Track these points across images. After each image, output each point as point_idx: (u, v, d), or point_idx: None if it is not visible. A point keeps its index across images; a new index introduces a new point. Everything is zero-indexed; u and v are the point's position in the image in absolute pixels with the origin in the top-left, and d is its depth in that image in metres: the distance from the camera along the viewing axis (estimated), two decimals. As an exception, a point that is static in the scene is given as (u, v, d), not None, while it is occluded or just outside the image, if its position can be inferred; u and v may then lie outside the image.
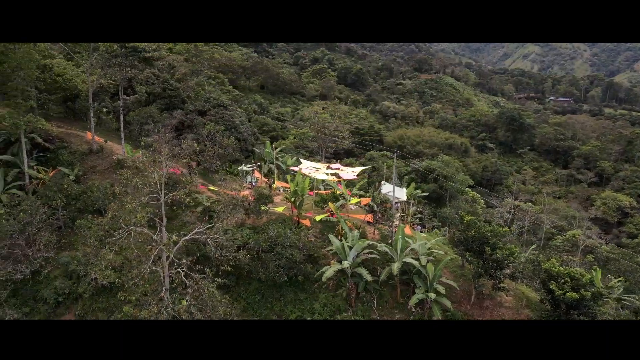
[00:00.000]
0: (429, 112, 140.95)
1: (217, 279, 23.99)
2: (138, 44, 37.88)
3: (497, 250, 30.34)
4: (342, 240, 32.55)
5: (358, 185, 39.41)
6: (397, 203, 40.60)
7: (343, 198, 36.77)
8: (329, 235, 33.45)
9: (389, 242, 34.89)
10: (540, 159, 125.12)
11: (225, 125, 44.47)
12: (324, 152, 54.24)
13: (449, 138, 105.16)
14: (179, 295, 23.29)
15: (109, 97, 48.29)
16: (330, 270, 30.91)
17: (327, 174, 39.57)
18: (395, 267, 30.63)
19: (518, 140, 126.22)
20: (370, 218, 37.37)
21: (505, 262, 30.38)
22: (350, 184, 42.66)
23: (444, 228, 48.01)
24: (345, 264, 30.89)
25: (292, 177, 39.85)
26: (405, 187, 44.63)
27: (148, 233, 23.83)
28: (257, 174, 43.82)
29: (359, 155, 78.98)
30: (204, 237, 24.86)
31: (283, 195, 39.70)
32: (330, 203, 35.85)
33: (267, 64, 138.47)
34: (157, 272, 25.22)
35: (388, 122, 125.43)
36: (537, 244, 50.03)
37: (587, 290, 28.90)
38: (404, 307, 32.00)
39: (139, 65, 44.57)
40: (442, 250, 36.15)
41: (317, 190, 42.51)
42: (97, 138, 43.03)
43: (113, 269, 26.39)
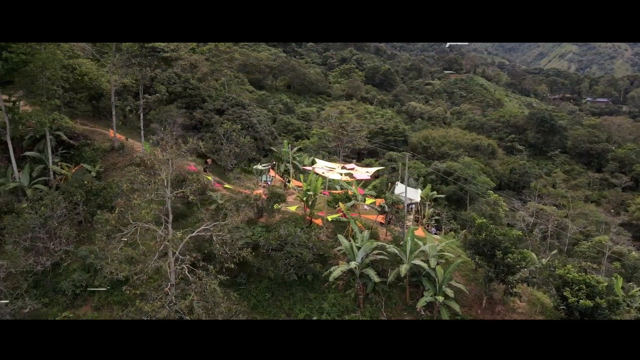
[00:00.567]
0: (457, 112, 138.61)
1: (219, 276, 24.28)
2: (157, 44, 38.87)
3: (508, 255, 29.61)
4: (350, 241, 32.43)
5: (370, 186, 39.19)
6: (411, 204, 40.16)
7: (355, 198, 36.60)
8: (338, 235, 33.40)
9: (400, 243, 34.56)
10: (572, 162, 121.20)
11: (243, 124, 45.00)
12: (341, 152, 54.19)
13: (476, 139, 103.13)
14: (182, 291, 23.70)
15: (132, 96, 49.54)
16: (338, 270, 30.87)
17: (340, 174, 39.46)
18: (404, 268, 30.31)
19: (549, 142, 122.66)
20: (383, 219, 37.08)
21: (517, 266, 29.61)
22: (366, 185, 42.46)
23: (463, 231, 47.17)
24: (353, 264, 30.79)
25: (305, 176, 39.99)
26: (421, 188, 44.06)
27: (155, 229, 24.34)
28: (272, 173, 44.15)
29: (380, 156, 78.48)
30: (209, 234, 25.19)
31: (296, 195, 39.87)
32: (341, 203, 35.77)
33: (293, 64, 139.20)
34: (164, 267, 25.81)
35: (414, 122, 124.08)
36: (558, 250, 48.55)
37: (602, 298, 27.92)
38: (413, 309, 31.65)
39: (159, 65, 45.58)
40: (455, 253, 35.57)
41: (332, 191, 42.51)
42: (118, 136, 44.28)
43: (128, 263, 27.15)
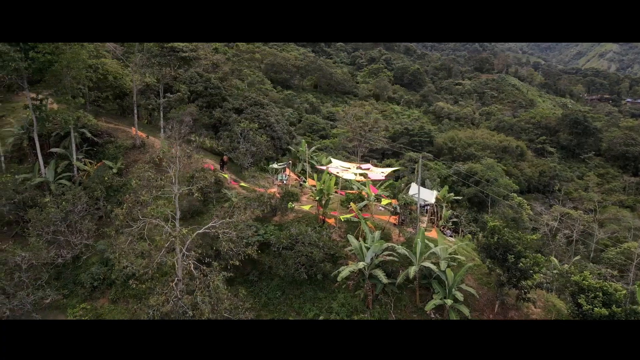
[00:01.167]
0: (486, 113, 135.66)
1: (224, 272, 24.58)
2: (176, 44, 39.73)
3: (521, 259, 28.85)
4: (359, 241, 32.27)
5: (382, 187, 38.88)
6: (426, 206, 39.63)
7: (367, 199, 36.39)
8: (348, 236, 33.29)
9: (412, 245, 34.17)
10: (607, 165, 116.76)
11: (260, 123, 45.42)
12: (359, 151, 53.97)
13: (504, 141, 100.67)
14: (187, 287, 24.12)
15: (155, 94, 50.72)
16: (346, 270, 30.79)
17: (355, 174, 39.31)
18: (412, 270, 29.96)
19: (582, 145, 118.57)
20: (395, 220, 36.73)
21: (531, 271, 28.80)
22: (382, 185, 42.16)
23: (481, 234, 46.23)
24: (361, 265, 30.64)
25: (318, 175, 40.01)
26: (438, 189, 43.39)
27: (163, 225, 24.86)
28: (288, 172, 44.37)
29: (401, 156, 77.69)
30: (214, 230, 25.54)
31: (309, 194, 39.96)
32: (352, 203, 35.63)
33: (320, 64, 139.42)
34: (169, 263, 26.33)
35: (441, 123, 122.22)
36: (584, 256, 46.95)
37: (619, 307, 26.86)
38: (423, 311, 31.25)
39: (181, 65, 46.51)
40: (469, 257, 34.91)
41: (348, 191, 42.37)
42: (140, 133, 45.39)
43: (137, 258, 27.86)
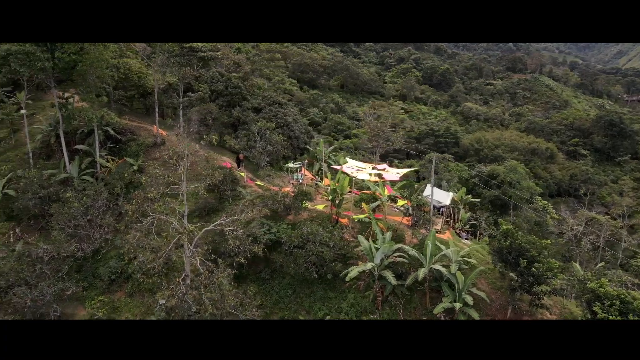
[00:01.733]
0: (516, 114, 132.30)
1: (228, 270, 24.88)
2: (195, 44, 40.48)
3: (534, 264, 28.06)
4: (369, 241, 32.09)
5: (396, 187, 38.51)
6: (441, 207, 39.04)
7: (380, 199, 36.13)
8: (358, 236, 33.15)
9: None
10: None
11: (278, 123, 45.72)
12: (377, 151, 53.60)
13: (533, 142, 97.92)
14: (192, 282, 24.53)
15: (178, 94, 51.77)
16: (355, 271, 30.68)
17: (370, 174, 39.10)
18: (422, 272, 29.60)
19: (617, 147, 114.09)
20: (409, 221, 36.34)
21: (544, 277, 27.98)
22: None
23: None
24: (369, 265, 30.46)
25: (332, 175, 39.99)
26: (453, 191, 42.64)
27: (170, 221, 25.36)
28: (304, 172, 44.52)
29: (423, 157, 76.67)
30: (221, 228, 25.88)
31: (322, 193, 39.98)
32: (364, 203, 35.44)
33: (347, 64, 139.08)
34: (174, 259, 26.86)
35: (469, 124, 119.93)
36: (605, 262, 45.25)
37: (636, 316, 25.78)
38: (433, 314, 30.81)
39: (204, 65, 47.34)
40: (483, 260, 34.20)
41: (364, 191, 42.18)
42: (161, 131, 46.43)
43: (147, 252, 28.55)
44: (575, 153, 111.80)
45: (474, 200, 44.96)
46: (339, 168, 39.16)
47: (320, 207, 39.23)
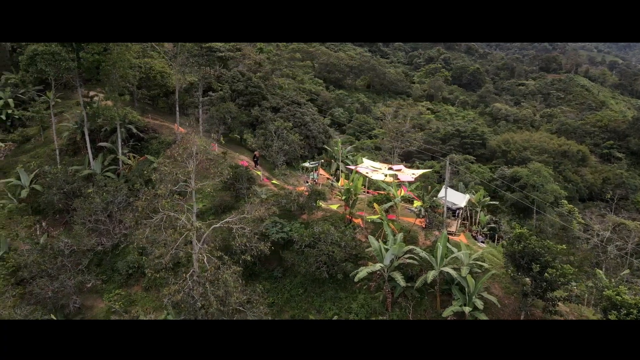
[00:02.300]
0: (547, 115, 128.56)
1: (233, 267, 25.17)
2: (213, 44, 41.11)
3: (547, 269, 27.24)
4: (379, 242, 31.85)
5: (411, 188, 38.07)
6: (457, 209, 38.38)
7: (393, 200, 35.82)
8: (369, 236, 32.95)
9: (437, 249, 33.20)
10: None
11: (295, 122, 45.93)
12: (395, 152, 53.09)
13: (564, 144, 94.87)
14: (198, 278, 24.93)
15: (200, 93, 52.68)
16: (364, 271, 30.51)
17: (385, 175, 38.82)
18: (431, 275, 29.15)
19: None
20: (423, 222, 35.88)
21: (557, 282, 27.12)
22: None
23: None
24: (378, 266, 30.24)
25: (346, 174, 39.89)
26: (469, 193, 41.79)
27: (179, 218, 25.84)
28: (321, 171, 44.56)
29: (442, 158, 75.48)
30: (228, 225, 26.21)
31: (335, 193, 39.91)
32: (376, 204, 35.19)
33: (373, 64, 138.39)
34: (188, 255, 27.36)
35: (497, 125, 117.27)
36: (634, 270, 43.48)
37: (654, 327, 24.68)
38: (442, 317, 30.32)
39: (222, 64, 48.02)
40: (498, 263, 33.42)
41: (381, 192, 41.90)
42: (181, 129, 47.35)
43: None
44: (610, 156, 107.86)
45: (493, 203, 43.95)
46: (354, 168, 39.00)
47: (334, 206, 39.19)
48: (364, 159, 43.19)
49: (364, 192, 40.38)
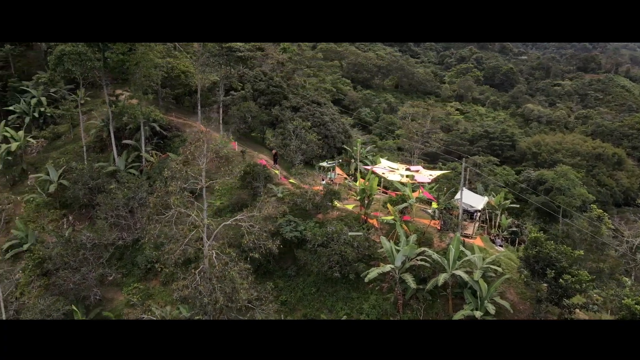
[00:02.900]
0: (582, 117, 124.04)
1: (240, 264, 25.44)
2: (233, 44, 41.67)
3: (563, 275, 26.36)
4: (390, 243, 31.56)
5: (427, 188, 37.50)
6: (474, 212, 37.59)
7: (407, 201, 35.41)
8: (381, 237, 32.68)
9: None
10: None
11: (314, 122, 46.00)
12: (415, 153, 52.38)
13: (598, 147, 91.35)
14: (204, 274, 25.31)
15: (223, 92, 53.46)
16: (374, 272, 30.31)
17: (402, 175, 38.44)
18: (442, 277, 28.70)
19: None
20: (438, 224, 35.31)
21: (573, 289, 26.20)
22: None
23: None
24: (388, 267, 29.97)
25: (362, 174, 39.68)
26: (489, 195, 40.80)
27: (189, 214, 26.33)
28: (339, 171, 44.47)
29: (467, 160, 73.98)
30: (236, 223, 26.51)
31: (350, 194, 39.75)
32: (389, 205, 34.85)
33: (402, 63, 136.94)
34: (199, 251, 27.84)
35: (529, 126, 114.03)
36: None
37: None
38: (453, 321, 29.79)
39: (244, 64, 48.59)
40: (514, 268, 32.55)
41: (399, 192, 41.46)
42: (202, 128, 48.17)
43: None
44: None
45: (513, 206, 42.78)
46: (369, 168, 38.76)
47: (350, 206, 39.04)
48: (382, 159, 42.87)
49: (382, 192, 40.06)
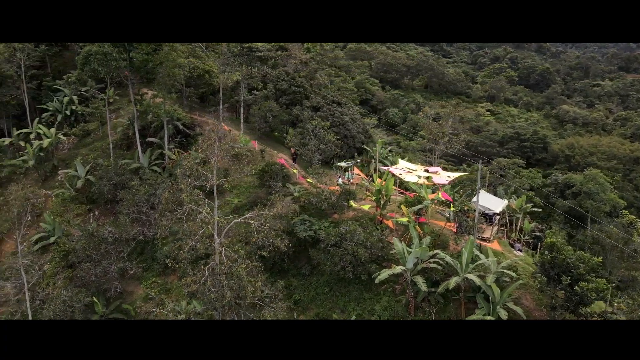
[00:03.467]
0: (622, 118, 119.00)
1: (247, 261, 25.69)
2: (254, 45, 42.06)
3: (579, 283, 25.40)
4: (402, 244, 31.17)
5: (445, 189, 36.82)
6: (493, 215, 36.69)
7: (422, 202, 34.90)
8: (394, 239, 32.34)
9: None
10: None
11: (333, 122, 45.93)
12: (436, 154, 51.48)
13: (636, 150, 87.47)
14: (212, 271, 25.67)
15: (246, 91, 54.09)
16: (385, 273, 30.04)
17: (419, 177, 37.95)
18: (453, 281, 28.16)
19: None
20: (454, 227, 34.67)
21: (588, 297, 25.20)
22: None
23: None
24: (398, 269, 29.62)
25: (379, 174, 39.34)
26: (512, 198, 39.66)
27: (199, 211, 26.77)
28: (357, 171, 44.28)
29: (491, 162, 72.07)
30: (246, 221, 26.78)
31: (366, 194, 39.48)
32: (403, 206, 34.43)
33: (432, 63, 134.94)
34: (210, 248, 28.25)
35: (563, 128, 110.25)
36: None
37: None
38: (466, 327, 29.18)
39: (270, 64, 49.05)
40: (529, 273, 31.60)
41: (417, 193, 40.94)
42: (224, 126, 48.89)
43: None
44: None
45: (536, 210, 41.44)
46: (386, 169, 38.42)
47: (366, 207, 38.80)
48: (400, 160, 42.39)
49: (399, 193, 39.62)
